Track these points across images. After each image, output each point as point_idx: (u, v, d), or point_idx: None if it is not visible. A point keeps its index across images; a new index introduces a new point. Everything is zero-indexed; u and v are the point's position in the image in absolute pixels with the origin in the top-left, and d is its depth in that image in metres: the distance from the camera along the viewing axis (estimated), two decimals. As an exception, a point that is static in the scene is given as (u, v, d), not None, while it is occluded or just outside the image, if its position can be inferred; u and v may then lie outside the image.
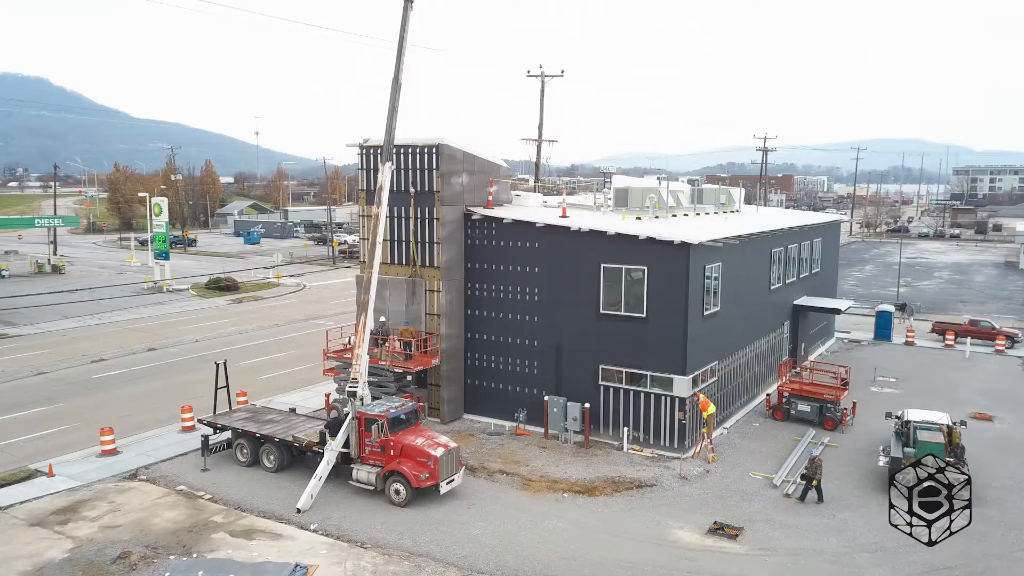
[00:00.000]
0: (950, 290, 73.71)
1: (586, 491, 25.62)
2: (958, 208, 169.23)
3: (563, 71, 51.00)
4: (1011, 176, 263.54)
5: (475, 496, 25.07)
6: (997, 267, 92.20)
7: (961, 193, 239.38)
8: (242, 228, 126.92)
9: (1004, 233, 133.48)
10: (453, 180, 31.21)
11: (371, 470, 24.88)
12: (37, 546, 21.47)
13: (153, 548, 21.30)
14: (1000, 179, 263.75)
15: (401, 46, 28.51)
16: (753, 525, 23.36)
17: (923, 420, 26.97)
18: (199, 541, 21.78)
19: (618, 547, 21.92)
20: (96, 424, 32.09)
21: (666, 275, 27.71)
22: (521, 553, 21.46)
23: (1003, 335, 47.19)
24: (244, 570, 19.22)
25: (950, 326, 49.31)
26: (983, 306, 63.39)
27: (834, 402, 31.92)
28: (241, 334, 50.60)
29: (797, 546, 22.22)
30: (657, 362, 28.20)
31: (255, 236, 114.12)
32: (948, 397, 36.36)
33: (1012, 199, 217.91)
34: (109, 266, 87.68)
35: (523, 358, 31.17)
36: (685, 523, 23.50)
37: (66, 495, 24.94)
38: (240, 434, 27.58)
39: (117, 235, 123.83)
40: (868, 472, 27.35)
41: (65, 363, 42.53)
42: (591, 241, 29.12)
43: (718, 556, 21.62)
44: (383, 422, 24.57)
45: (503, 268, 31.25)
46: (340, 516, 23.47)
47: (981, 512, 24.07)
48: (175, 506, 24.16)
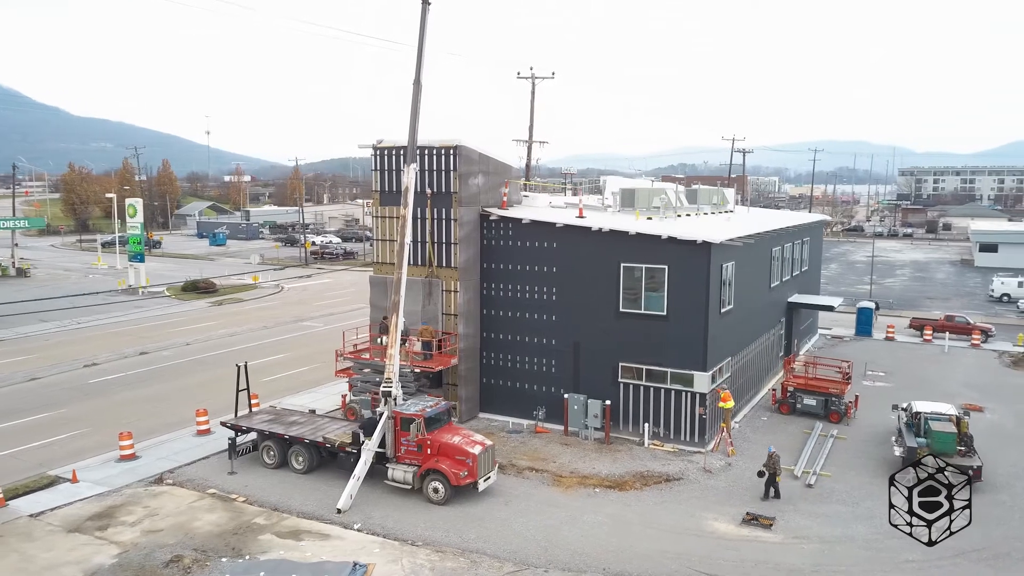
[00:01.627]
0: (915, 287, 76.31)
1: (616, 486, 26.18)
2: (908, 208, 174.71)
3: (554, 73, 51.62)
4: (953, 177, 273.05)
5: (509, 493, 25.42)
6: (954, 265, 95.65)
7: (907, 193, 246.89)
8: (205, 229, 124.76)
9: (954, 232, 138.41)
10: (470, 181, 31.49)
11: (407, 469, 25.07)
12: (81, 552, 21.21)
13: (202, 551, 21.21)
14: (943, 180, 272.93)
15: (421, 47, 28.73)
16: (783, 515, 24.16)
17: (932, 411, 28.17)
18: (247, 543, 21.75)
19: (659, 539, 22.51)
20: (104, 429, 31.71)
21: (687, 274, 28.43)
22: (568, 547, 21.90)
23: (978, 330, 49.20)
24: (303, 570, 19.26)
25: (927, 321, 51.22)
26: (948, 302, 65.74)
27: (838, 396, 33.06)
28: (232, 336, 50.02)
29: (829, 533, 23.08)
30: (678, 359, 28.91)
31: (221, 238, 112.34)
32: (937, 389, 37.80)
33: (957, 199, 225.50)
34: (74, 269, 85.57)
35: (540, 357, 31.60)
36: (718, 514, 24.21)
37: (97, 500, 24.60)
38: (267, 436, 27.47)
39: (75, 237, 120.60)
40: (881, 462, 28.44)
41: (56, 368, 41.60)
42: (610, 241, 29.70)
43: (756, 545, 22.36)
44: (420, 421, 24.78)
45: (520, 268, 31.64)
46: (382, 515, 23.61)
47: (993, 498, 25.47)
48: (212, 509, 24.03)
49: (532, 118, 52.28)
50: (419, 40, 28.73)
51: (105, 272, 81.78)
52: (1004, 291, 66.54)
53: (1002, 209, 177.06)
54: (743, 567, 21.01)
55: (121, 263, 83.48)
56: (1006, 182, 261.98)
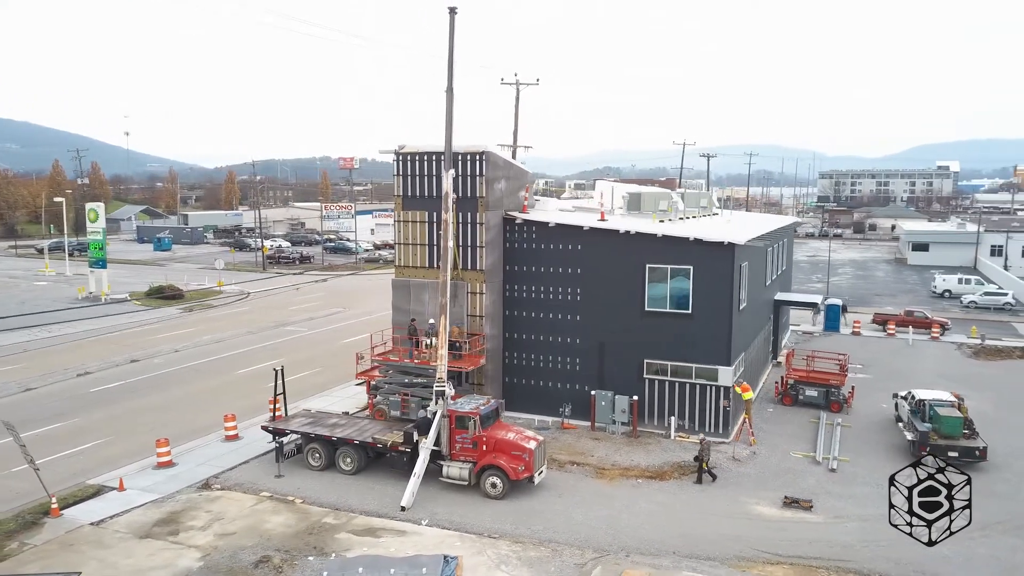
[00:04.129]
0: (860, 285, 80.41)
1: (657, 476, 27.50)
2: (835, 210, 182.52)
3: (538, 79, 52.82)
4: (869, 180, 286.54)
5: (558, 487, 26.43)
6: (889, 263, 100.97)
7: (827, 195, 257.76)
8: (146, 234, 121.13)
9: (880, 232, 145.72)
10: (495, 186, 32.38)
11: (463, 466, 25.81)
12: (163, 556, 21.26)
13: (286, 551, 21.54)
14: (860, 182, 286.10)
15: (451, 55, 29.50)
16: (817, 498, 25.89)
17: (934, 398, 30.49)
18: (327, 542, 22.16)
19: (715, 524, 23.90)
20: (127, 438, 31.52)
21: (712, 274, 30.01)
22: (633, 534, 23.07)
23: (937, 324, 52.65)
24: (401, 564, 19.83)
25: (890, 316, 54.49)
26: (896, 298, 69.74)
27: (838, 386, 35.25)
28: (219, 343, 49.40)
29: (864, 512, 24.87)
30: (703, 355, 30.45)
31: (166, 242, 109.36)
32: (914, 379, 40.43)
33: (875, 201, 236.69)
34: (19, 276, 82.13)
35: (565, 355, 32.70)
36: (759, 499, 25.79)
37: (155, 507, 24.53)
38: (313, 439, 27.75)
39: (8, 243, 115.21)
40: (890, 447, 30.63)
41: (48, 378, 40.47)
42: (635, 243, 31.05)
43: (803, 526, 24.01)
44: (476, 419, 25.57)
45: (544, 270, 32.67)
46: (446, 511, 24.31)
47: (998, 476, 27.87)
48: (276, 511, 24.27)
49: (517, 123, 53.38)
50: (449, 48, 29.48)
51: (55, 279, 78.84)
52: (946, 287, 70.98)
53: (917, 210, 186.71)
54: (799, 545, 22.58)
55: (72, 269, 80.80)
56: (917, 184, 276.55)
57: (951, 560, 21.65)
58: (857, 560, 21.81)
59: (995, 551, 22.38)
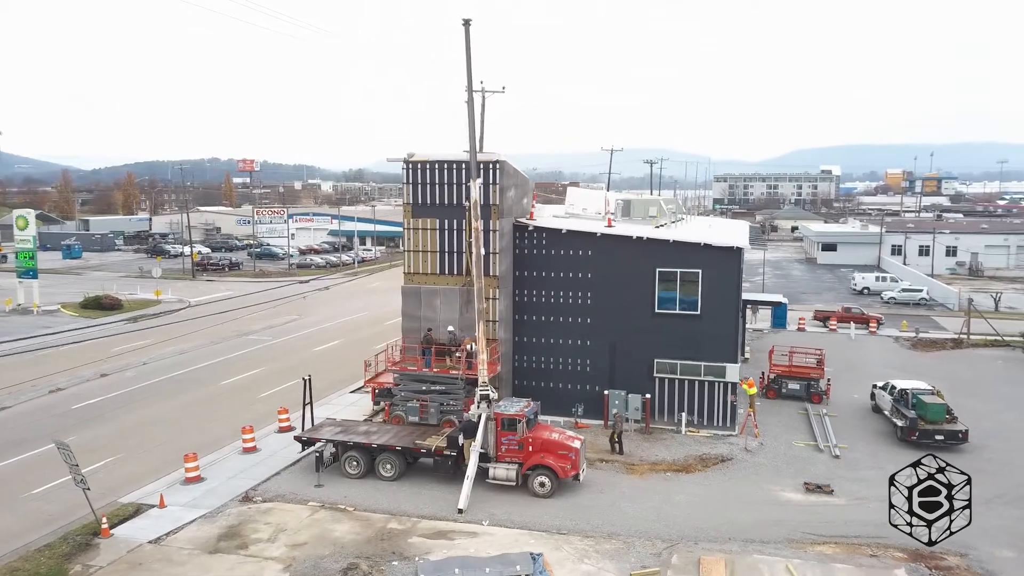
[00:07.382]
0: (783, 284, 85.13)
1: (683, 469, 29.07)
2: (736, 212, 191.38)
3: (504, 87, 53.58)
4: (760, 183, 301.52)
5: (597, 483, 27.54)
6: (800, 263, 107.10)
7: (722, 198, 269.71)
8: (49, 241, 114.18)
9: (781, 233, 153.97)
10: (508, 194, 33.24)
11: (509, 467, 26.58)
12: (244, 570, 21.16)
13: (367, 557, 21.79)
14: (751, 186, 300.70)
15: (469, 66, 30.20)
16: (832, 482, 28.04)
17: (915, 388, 33.38)
18: (403, 546, 22.53)
19: (751, 511, 25.58)
20: (139, 455, 30.80)
21: (719, 276, 31.88)
22: (685, 523, 24.47)
23: (874, 319, 56.85)
24: (493, 563, 20.71)
25: (831, 313, 58.40)
26: (821, 296, 74.52)
27: (817, 379, 37.89)
28: (183, 355, 47.90)
29: (880, 494, 26.44)
30: (711, 353, 32.27)
31: (76, 250, 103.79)
32: (869, 371, 43.73)
33: (767, 203, 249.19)
34: (-76, 288, 76.29)
35: (576, 357, 33.87)
36: (782, 486, 27.74)
37: (208, 522, 24.18)
38: (350, 447, 27.83)
39: None
40: (878, 433, 33.34)
41: (18, 396, 38.41)
42: (646, 248, 32.57)
43: (831, 508, 26.05)
44: (523, 421, 26.40)
45: (555, 275, 33.76)
46: (504, 511, 25.02)
47: (981, 455, 30.77)
48: (337, 520, 24.37)
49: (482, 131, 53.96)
50: (466, 59, 30.14)
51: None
52: (864, 285, 76.28)
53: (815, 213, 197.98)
54: (836, 526, 24.56)
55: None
56: (803, 188, 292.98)
57: (970, 531, 24.01)
58: (892, 536, 23.71)
59: (1004, 521, 24.99)
